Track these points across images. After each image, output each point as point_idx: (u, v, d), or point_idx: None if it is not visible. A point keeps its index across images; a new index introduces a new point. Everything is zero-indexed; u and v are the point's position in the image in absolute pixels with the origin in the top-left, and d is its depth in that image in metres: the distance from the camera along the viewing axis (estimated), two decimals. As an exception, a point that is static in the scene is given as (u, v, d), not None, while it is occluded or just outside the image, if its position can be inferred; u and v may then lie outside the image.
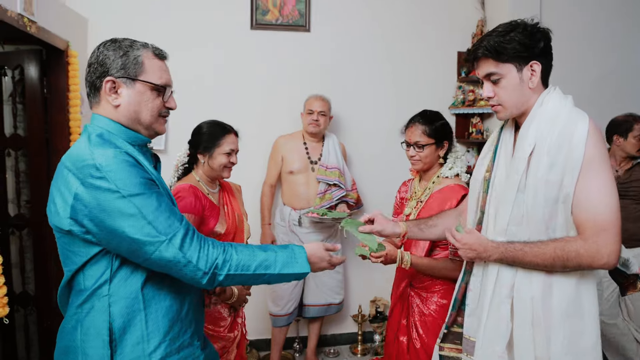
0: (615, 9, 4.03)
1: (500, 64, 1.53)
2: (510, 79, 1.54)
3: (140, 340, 1.36)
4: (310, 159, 3.46)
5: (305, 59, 3.77)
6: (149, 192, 1.31)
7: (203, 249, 1.33)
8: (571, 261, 1.44)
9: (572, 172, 1.44)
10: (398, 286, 2.33)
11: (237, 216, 2.41)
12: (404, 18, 3.89)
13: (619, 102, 3.96)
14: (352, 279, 3.96)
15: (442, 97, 3.97)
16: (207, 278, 1.33)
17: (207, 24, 3.60)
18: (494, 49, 1.52)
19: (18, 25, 2.39)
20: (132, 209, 1.26)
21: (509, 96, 1.56)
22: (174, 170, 2.40)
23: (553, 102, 1.54)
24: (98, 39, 1.50)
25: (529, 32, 1.51)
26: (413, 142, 2.22)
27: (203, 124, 2.37)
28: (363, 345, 3.89)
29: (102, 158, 1.28)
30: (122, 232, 1.27)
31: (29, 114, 2.97)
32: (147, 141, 1.48)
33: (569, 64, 3.86)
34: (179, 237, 1.30)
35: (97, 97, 1.41)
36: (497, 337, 1.57)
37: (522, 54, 1.51)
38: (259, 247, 1.45)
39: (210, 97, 3.60)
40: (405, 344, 2.19)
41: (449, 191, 2.16)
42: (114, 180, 1.26)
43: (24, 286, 3.12)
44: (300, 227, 3.42)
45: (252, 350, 3.64)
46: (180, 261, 1.30)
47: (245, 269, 1.39)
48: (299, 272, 1.48)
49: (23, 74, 2.94)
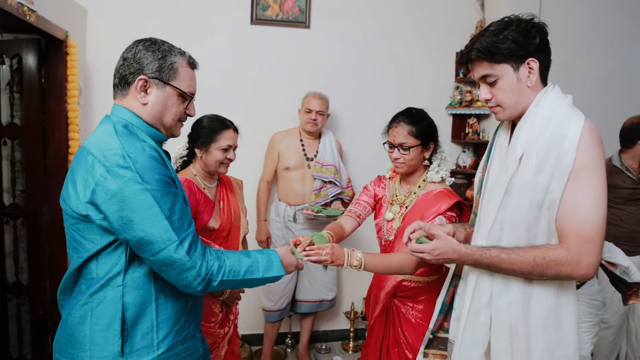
0: (615, 10, 4.04)
1: (495, 64, 1.46)
2: (507, 79, 1.46)
3: (150, 330, 1.40)
4: (306, 155, 3.47)
5: (305, 55, 3.77)
6: (168, 189, 1.34)
7: (205, 255, 1.38)
8: (550, 270, 1.38)
9: (560, 178, 1.37)
10: (377, 300, 2.18)
11: (233, 212, 2.38)
12: (404, 17, 3.90)
13: (618, 104, 4.00)
14: (345, 276, 3.98)
15: (440, 97, 3.98)
16: (203, 284, 1.37)
17: (207, 17, 3.60)
18: (487, 49, 1.45)
19: (17, 14, 2.39)
20: (152, 203, 1.30)
21: (507, 97, 1.48)
22: (172, 163, 2.38)
23: (549, 102, 1.47)
24: (97, 29, 1.51)
25: (523, 29, 1.44)
26: (398, 144, 2.05)
27: (204, 117, 2.33)
28: (355, 342, 3.90)
29: (130, 148, 1.32)
30: (137, 224, 1.29)
31: (26, 103, 2.96)
32: (164, 139, 1.53)
33: (568, 65, 3.89)
34: (188, 240, 1.34)
35: (126, 91, 1.45)
36: (474, 345, 1.54)
37: (517, 53, 1.43)
38: (242, 253, 1.50)
39: (208, 92, 3.59)
40: (397, 354, 2.08)
41: (437, 196, 2.03)
42: (138, 172, 1.29)
43: (17, 276, 3.12)
44: (295, 223, 3.43)
45: (245, 345, 3.65)
46: (185, 264, 1.33)
47: (236, 274, 1.44)
48: (276, 275, 1.54)
49: (21, 63, 2.93)
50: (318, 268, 3.50)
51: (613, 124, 3.53)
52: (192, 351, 1.51)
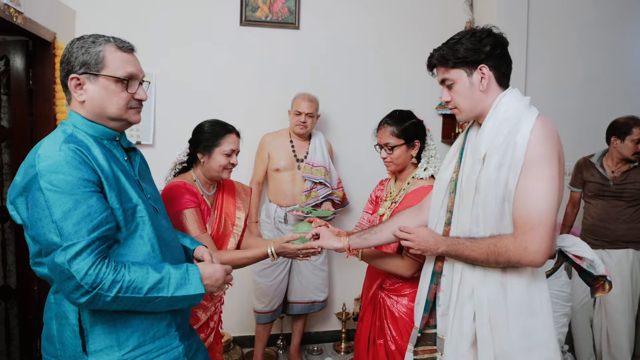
0: (603, 12, 4.08)
1: (450, 69, 1.63)
2: (461, 83, 1.62)
3: (112, 328, 1.38)
4: (296, 156, 3.47)
5: (294, 56, 3.77)
6: (74, 191, 1.27)
7: (95, 265, 1.27)
8: (502, 256, 1.50)
9: (514, 171, 1.48)
10: (369, 288, 2.32)
11: (223, 222, 2.32)
12: (393, 18, 3.91)
13: (608, 104, 4.04)
14: (337, 277, 3.98)
15: (430, 97, 3.99)
16: (88, 297, 1.26)
17: (196, 19, 3.59)
18: (442, 57, 1.63)
19: (4, 16, 2.37)
20: (44, 204, 1.27)
21: (462, 100, 1.64)
22: (171, 168, 2.33)
23: (507, 104, 1.59)
24: (86, 31, 1.51)
25: (477, 38, 1.59)
26: (383, 144, 2.22)
27: (205, 122, 2.28)
28: (347, 343, 3.90)
29: (46, 148, 1.32)
30: (32, 222, 1.29)
31: (13, 105, 2.93)
32: (115, 135, 1.50)
33: (558, 66, 3.93)
34: (76, 248, 1.25)
35: (68, 94, 1.46)
36: (461, 337, 1.63)
37: (468, 59, 1.59)
38: (154, 268, 1.38)
39: (198, 93, 3.59)
40: (383, 346, 2.17)
41: (422, 192, 2.12)
42: (40, 170, 1.28)
43: (5, 280, 3.09)
44: (285, 225, 3.42)
45: (236, 347, 3.64)
46: (65, 272, 1.25)
47: (137, 291, 1.32)
48: (192, 293, 1.42)
49: (8, 65, 2.90)
50: (309, 269, 3.50)
51: (604, 123, 3.56)
52: (167, 349, 1.46)
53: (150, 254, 1.45)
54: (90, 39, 1.43)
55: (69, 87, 1.43)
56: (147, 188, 1.57)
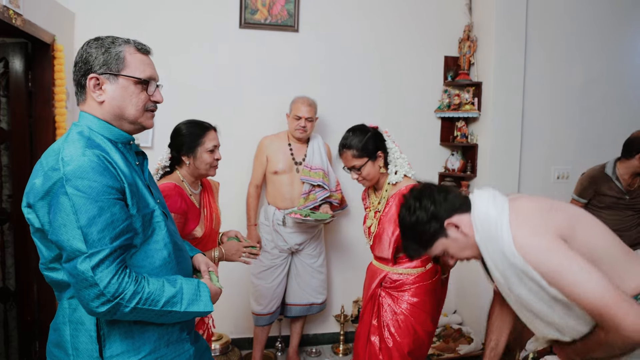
0: (602, 15, 4.09)
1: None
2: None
3: (129, 333, 1.38)
4: (294, 159, 3.47)
5: (293, 59, 3.78)
6: (99, 197, 1.27)
7: (118, 275, 1.27)
8: (616, 348, 1.38)
9: (533, 280, 1.42)
10: (369, 286, 2.36)
11: (214, 218, 2.38)
12: (392, 21, 3.92)
13: (606, 106, 4.05)
14: (335, 279, 3.98)
15: (429, 100, 4.01)
16: (108, 307, 1.25)
17: (195, 21, 3.59)
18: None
19: (3, 18, 2.37)
20: (69, 209, 1.24)
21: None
22: (154, 173, 2.34)
23: (483, 223, 1.53)
24: (85, 33, 1.51)
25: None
26: (350, 167, 2.30)
27: (181, 125, 2.34)
28: (345, 345, 3.90)
29: (68, 152, 1.30)
30: (56, 227, 1.26)
31: (12, 107, 2.94)
32: (130, 139, 1.49)
33: (556, 69, 3.93)
34: (100, 256, 1.25)
35: (84, 95, 1.43)
36: None
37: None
38: (168, 281, 1.39)
39: (197, 95, 3.59)
40: (377, 344, 2.20)
41: (399, 195, 2.18)
42: (66, 174, 1.26)
43: (4, 281, 3.09)
44: (284, 227, 3.42)
45: (234, 349, 3.64)
46: (88, 279, 1.24)
47: (154, 304, 1.32)
48: (202, 310, 1.44)
49: (8, 67, 2.91)
50: (308, 271, 3.51)
51: (603, 125, 3.57)
52: (180, 352, 1.48)
53: (167, 259, 1.45)
54: (109, 40, 1.42)
55: (86, 88, 1.40)
56: (156, 193, 1.57)
